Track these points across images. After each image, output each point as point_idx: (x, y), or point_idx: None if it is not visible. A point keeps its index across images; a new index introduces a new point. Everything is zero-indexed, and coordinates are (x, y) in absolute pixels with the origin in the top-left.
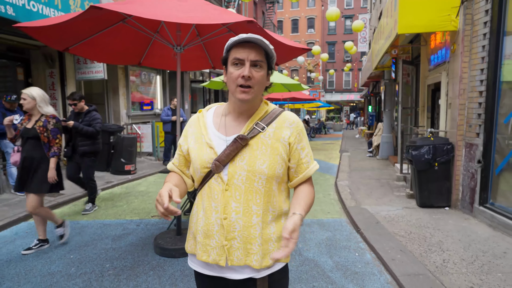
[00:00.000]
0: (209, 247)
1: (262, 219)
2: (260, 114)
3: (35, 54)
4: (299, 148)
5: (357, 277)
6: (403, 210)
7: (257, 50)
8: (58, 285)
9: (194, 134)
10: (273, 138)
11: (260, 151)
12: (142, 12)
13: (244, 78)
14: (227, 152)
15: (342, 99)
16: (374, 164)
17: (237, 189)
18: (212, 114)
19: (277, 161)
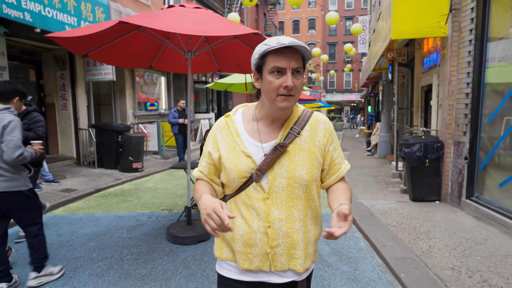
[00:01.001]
0: (251, 255)
1: (304, 223)
2: (294, 118)
3: (47, 56)
4: (332, 150)
5: (351, 260)
6: (396, 204)
7: (296, 56)
8: (83, 267)
9: (225, 141)
10: (309, 143)
11: (298, 157)
12: (160, 25)
13: (287, 88)
14: (268, 160)
15: (342, 99)
16: (371, 162)
17: (278, 197)
18: (241, 119)
19: (314, 166)
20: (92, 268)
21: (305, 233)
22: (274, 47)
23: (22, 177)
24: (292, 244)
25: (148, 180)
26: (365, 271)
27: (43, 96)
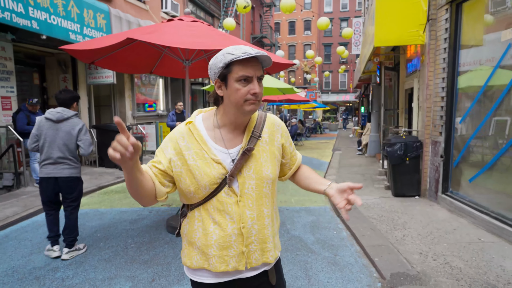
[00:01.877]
0: (227, 257)
1: (271, 218)
2: (253, 122)
3: (50, 60)
4: (288, 145)
5: (333, 248)
6: (379, 199)
7: (258, 64)
8: (92, 254)
9: (191, 149)
10: (269, 143)
11: (263, 158)
12: (162, 40)
13: (255, 95)
14: (238, 165)
15: (338, 99)
16: (362, 161)
17: (249, 198)
18: (203, 126)
19: (276, 164)
20: (101, 255)
21: (272, 227)
22: (241, 57)
23: (79, 167)
24: (263, 239)
25: None
26: (344, 256)
27: (46, 99)
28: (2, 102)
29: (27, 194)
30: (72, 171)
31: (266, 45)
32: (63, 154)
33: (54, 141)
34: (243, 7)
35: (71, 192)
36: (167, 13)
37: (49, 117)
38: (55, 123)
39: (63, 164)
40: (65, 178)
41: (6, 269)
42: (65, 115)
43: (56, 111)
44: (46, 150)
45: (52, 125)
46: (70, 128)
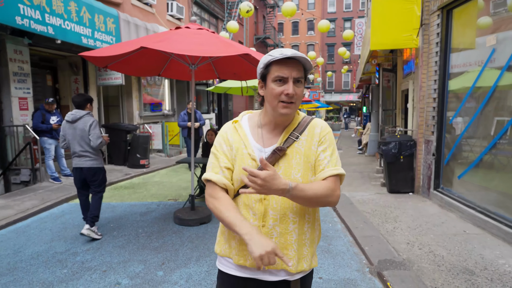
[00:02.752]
0: (245, 252)
1: (299, 226)
2: (294, 124)
3: (62, 62)
4: (321, 150)
5: (328, 238)
6: (374, 195)
7: (298, 67)
8: (107, 242)
9: (234, 144)
10: (306, 146)
11: (295, 160)
12: (170, 47)
13: (288, 95)
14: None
15: (341, 99)
16: (361, 160)
17: (274, 198)
18: (248, 125)
19: (309, 169)
20: (115, 242)
21: (299, 235)
22: (277, 57)
23: (100, 158)
24: (285, 245)
25: (154, 175)
26: (337, 245)
27: (58, 99)
28: (19, 103)
29: (43, 189)
30: (93, 162)
31: (270, 45)
32: (83, 148)
33: (74, 138)
34: (246, 11)
35: (94, 180)
36: (172, 16)
37: (67, 119)
38: (72, 123)
39: (85, 157)
40: (88, 168)
41: (32, 253)
42: (78, 115)
43: (71, 113)
44: (71, 146)
45: (71, 126)
46: (83, 125)
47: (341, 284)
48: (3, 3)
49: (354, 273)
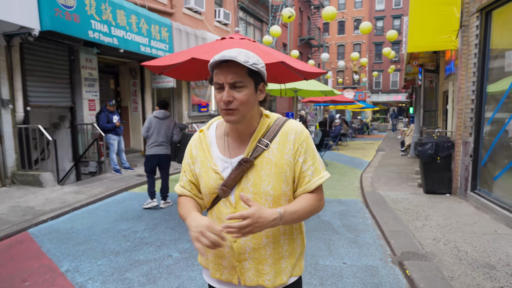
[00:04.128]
0: (221, 266)
1: (273, 239)
2: (262, 130)
3: (123, 68)
4: (301, 161)
5: (356, 231)
6: (409, 195)
7: (235, 69)
8: (161, 223)
9: (198, 157)
10: (277, 156)
11: (265, 171)
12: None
13: (225, 102)
14: (233, 176)
15: (389, 99)
16: (402, 161)
17: None
18: (214, 134)
19: (282, 180)
20: (167, 224)
21: (275, 249)
22: (213, 63)
23: (170, 149)
24: (259, 260)
25: None
26: (365, 238)
27: (119, 100)
28: (89, 104)
29: (107, 179)
30: (167, 151)
31: (314, 46)
32: (164, 139)
33: (159, 131)
34: (288, 17)
35: (166, 163)
36: (219, 22)
37: (157, 116)
38: (161, 120)
39: (163, 146)
40: (164, 155)
41: (101, 229)
42: (167, 114)
43: (161, 112)
44: (154, 136)
45: (159, 121)
46: (169, 123)
47: (363, 270)
48: (79, 20)
49: (377, 261)
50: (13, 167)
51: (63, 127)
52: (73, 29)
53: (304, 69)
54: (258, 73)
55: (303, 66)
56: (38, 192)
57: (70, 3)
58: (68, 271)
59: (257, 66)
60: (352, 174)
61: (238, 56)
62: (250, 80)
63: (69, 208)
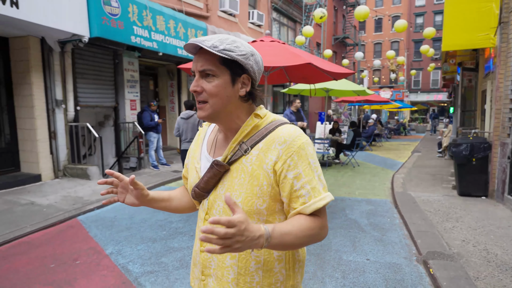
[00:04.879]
0: (194, 275)
1: (239, 263)
2: (246, 130)
3: (161, 70)
4: (292, 177)
5: (383, 230)
6: (442, 197)
7: (205, 57)
8: (194, 215)
9: (192, 152)
10: (255, 164)
11: (238, 180)
12: None
13: (194, 93)
14: (205, 178)
15: (428, 99)
16: (438, 163)
17: None
18: (211, 130)
19: (255, 194)
20: None
21: (241, 275)
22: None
23: None
24: (221, 282)
25: None
26: (391, 237)
27: (158, 100)
28: (130, 104)
29: (146, 174)
30: None
31: (349, 45)
32: (193, 135)
33: (187, 129)
34: (320, 17)
35: None
36: (253, 23)
37: (182, 117)
38: (185, 119)
39: None
40: None
41: (140, 219)
42: (190, 114)
43: (186, 113)
44: (184, 134)
45: (185, 121)
46: (194, 120)
47: (386, 266)
48: (123, 27)
49: (401, 260)
50: (64, 161)
51: (108, 125)
52: (118, 35)
53: (331, 69)
54: (234, 62)
55: (331, 66)
56: (85, 184)
57: (115, 11)
58: (112, 253)
59: (231, 53)
60: (383, 175)
61: (206, 41)
62: (223, 70)
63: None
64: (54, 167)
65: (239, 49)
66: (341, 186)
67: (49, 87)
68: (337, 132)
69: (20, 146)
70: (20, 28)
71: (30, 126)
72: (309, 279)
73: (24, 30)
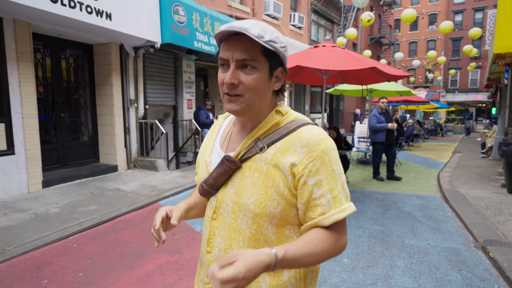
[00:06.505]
0: (199, 277)
1: None
2: (265, 128)
3: (211, 71)
4: (312, 183)
5: (437, 221)
6: (491, 194)
7: (246, 45)
8: None
9: (204, 146)
10: (270, 163)
11: (251, 179)
12: (315, 64)
13: (228, 86)
14: (214, 174)
15: (467, 99)
16: (483, 163)
17: (223, 221)
18: (227, 122)
19: (269, 196)
20: None
21: None
22: (220, 33)
23: None
24: None
25: None
26: (446, 227)
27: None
28: (187, 103)
29: None
30: None
31: (384, 44)
32: None
33: None
34: (367, 21)
35: None
36: (294, 25)
37: None
38: None
39: None
40: None
41: None
42: None
43: None
44: None
45: None
46: None
47: (447, 250)
48: (188, 33)
49: (460, 246)
50: (135, 154)
51: (167, 123)
52: (184, 41)
53: (392, 73)
54: (275, 54)
55: (391, 70)
56: (155, 174)
57: (182, 19)
58: (200, 231)
59: (275, 45)
60: (427, 173)
61: (250, 29)
62: (264, 62)
63: (182, 188)
64: (127, 159)
65: (280, 40)
66: (387, 182)
67: (125, 88)
68: None
69: (100, 140)
70: (106, 36)
71: (109, 122)
72: (379, 257)
73: (108, 37)
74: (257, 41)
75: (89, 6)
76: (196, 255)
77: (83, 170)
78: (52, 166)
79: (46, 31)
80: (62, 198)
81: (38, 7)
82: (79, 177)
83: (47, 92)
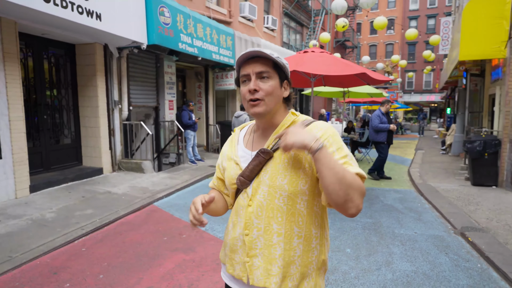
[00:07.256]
0: (234, 262)
1: (285, 239)
2: (285, 125)
3: (190, 72)
4: (332, 150)
5: (418, 212)
6: (458, 187)
7: (262, 62)
8: None
9: (226, 153)
10: None
11: (282, 165)
12: (306, 68)
13: (251, 92)
14: (250, 167)
15: (421, 100)
16: (444, 159)
17: (259, 205)
18: (245, 132)
19: (299, 176)
20: None
21: (286, 250)
22: (240, 60)
23: None
24: (269, 259)
25: None
26: (426, 217)
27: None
28: (169, 104)
29: (188, 168)
30: None
31: (348, 47)
32: None
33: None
34: (342, 26)
35: None
36: (267, 28)
37: (235, 116)
38: (236, 118)
39: None
40: None
41: None
42: (240, 114)
43: (237, 113)
44: None
45: (236, 119)
46: (243, 119)
47: (432, 237)
48: (173, 35)
49: (442, 233)
50: (119, 156)
51: (148, 124)
52: (169, 42)
53: (377, 78)
54: (282, 68)
55: (376, 75)
56: (142, 176)
57: (167, 21)
58: (206, 229)
59: (281, 60)
60: (398, 169)
61: (264, 51)
62: (275, 73)
63: (173, 189)
64: (112, 162)
65: (282, 59)
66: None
67: (109, 89)
68: (352, 131)
69: (83, 142)
70: (91, 36)
71: (94, 124)
72: (377, 246)
73: (93, 37)
74: (270, 57)
75: (80, 6)
76: (209, 252)
77: (68, 173)
78: (36, 170)
79: (29, 30)
80: (54, 202)
81: (31, 7)
82: (66, 180)
83: (29, 93)
